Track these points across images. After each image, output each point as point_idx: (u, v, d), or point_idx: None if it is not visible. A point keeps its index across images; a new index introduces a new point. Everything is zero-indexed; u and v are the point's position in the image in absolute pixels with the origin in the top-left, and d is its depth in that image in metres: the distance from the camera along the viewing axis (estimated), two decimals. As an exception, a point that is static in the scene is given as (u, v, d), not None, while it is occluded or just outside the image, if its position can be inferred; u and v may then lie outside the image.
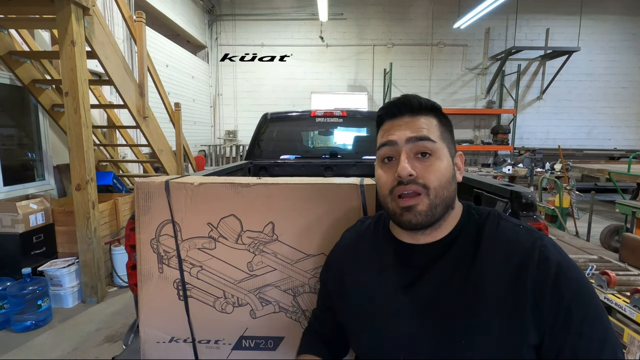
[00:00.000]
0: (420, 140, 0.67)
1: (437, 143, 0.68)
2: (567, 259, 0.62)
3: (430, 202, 0.66)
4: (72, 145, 2.75)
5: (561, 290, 0.59)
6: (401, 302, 0.70)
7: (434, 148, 0.68)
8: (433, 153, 0.67)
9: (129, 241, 1.18)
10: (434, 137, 0.68)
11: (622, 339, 1.76)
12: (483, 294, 0.63)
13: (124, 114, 4.27)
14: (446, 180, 0.67)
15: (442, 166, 0.67)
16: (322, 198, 1.07)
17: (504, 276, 0.62)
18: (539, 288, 0.60)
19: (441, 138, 0.70)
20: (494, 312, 0.61)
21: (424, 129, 0.68)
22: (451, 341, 0.63)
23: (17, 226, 2.80)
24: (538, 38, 8.77)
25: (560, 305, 0.59)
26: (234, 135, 9.04)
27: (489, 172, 6.66)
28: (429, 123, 0.70)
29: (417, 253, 0.71)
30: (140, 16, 3.69)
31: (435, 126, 0.70)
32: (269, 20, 8.76)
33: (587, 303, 0.59)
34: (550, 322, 0.59)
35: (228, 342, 1.13)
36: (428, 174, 0.66)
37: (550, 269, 0.60)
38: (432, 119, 0.71)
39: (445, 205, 0.68)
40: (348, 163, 2.92)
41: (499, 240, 0.66)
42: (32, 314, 2.53)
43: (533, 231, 0.66)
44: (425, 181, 0.66)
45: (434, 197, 0.66)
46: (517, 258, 0.63)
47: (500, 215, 0.71)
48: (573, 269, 0.61)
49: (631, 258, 2.44)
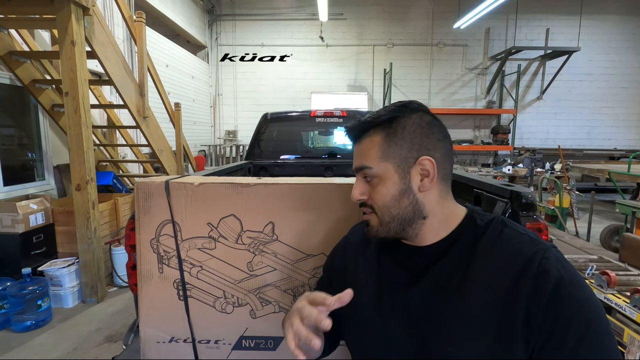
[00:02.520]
0: (360, 170, 0.71)
1: (375, 168, 0.68)
2: (571, 276, 0.58)
3: (379, 219, 0.70)
4: (72, 146, 2.75)
5: (557, 307, 0.55)
6: (394, 303, 0.70)
7: (373, 173, 0.69)
8: (374, 177, 0.70)
9: (129, 241, 1.18)
10: (371, 163, 0.69)
11: (622, 339, 1.76)
12: (475, 300, 0.61)
13: (124, 114, 4.27)
14: (389, 199, 0.68)
15: (384, 188, 0.68)
16: (322, 198, 1.07)
17: (499, 284, 0.60)
18: (533, 302, 0.57)
19: (383, 157, 0.68)
20: (484, 320, 0.60)
21: (363, 156, 0.70)
22: (441, 345, 0.63)
23: (17, 226, 2.80)
24: (538, 38, 8.77)
25: (555, 323, 0.55)
26: (234, 135, 9.04)
27: (489, 172, 6.67)
28: (370, 145, 0.69)
29: (414, 255, 0.71)
30: (140, 16, 3.69)
31: (378, 145, 0.68)
32: (268, 20, 8.76)
33: (588, 324, 0.55)
34: (542, 339, 0.56)
35: (228, 342, 1.13)
36: (373, 195, 0.70)
37: (548, 283, 0.56)
38: (376, 137, 0.69)
39: (400, 219, 0.68)
40: (348, 163, 2.92)
41: (499, 248, 0.64)
42: (32, 314, 2.53)
43: (538, 241, 0.62)
44: (372, 202, 0.70)
45: (381, 215, 0.69)
46: (515, 267, 0.60)
47: (504, 222, 0.68)
48: (576, 287, 0.57)
49: (631, 258, 2.44)
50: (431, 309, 0.65)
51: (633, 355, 1.67)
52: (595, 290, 1.95)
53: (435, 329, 0.64)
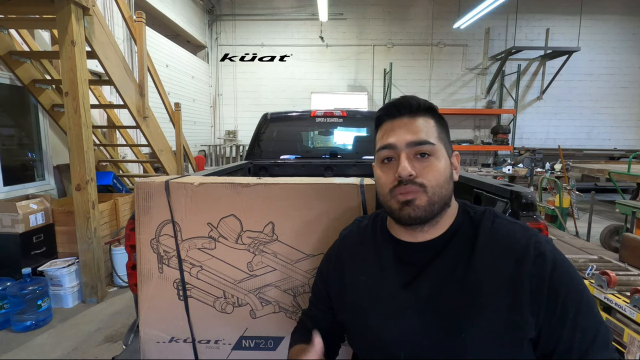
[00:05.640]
0: (420, 144, 0.69)
1: (436, 145, 0.70)
2: (560, 254, 0.65)
3: (429, 199, 0.68)
4: (72, 146, 2.75)
5: (557, 284, 0.62)
6: (401, 300, 0.70)
7: (433, 150, 0.69)
8: (432, 154, 0.69)
9: (129, 241, 1.18)
10: (432, 139, 0.70)
11: (622, 338, 1.76)
12: (482, 289, 0.64)
13: (124, 114, 4.27)
14: (444, 179, 0.69)
15: (441, 166, 0.69)
16: (322, 198, 1.07)
17: (502, 271, 0.64)
18: (537, 282, 0.62)
19: (439, 139, 0.71)
20: (494, 307, 0.63)
21: (422, 131, 0.70)
22: (452, 337, 0.64)
23: (17, 226, 2.80)
24: (538, 38, 8.77)
25: (557, 299, 0.61)
26: (234, 135, 9.04)
27: (489, 172, 6.66)
28: (427, 124, 0.71)
29: (416, 251, 0.72)
30: (140, 16, 3.69)
31: (433, 127, 0.72)
32: (268, 20, 8.76)
33: (580, 295, 0.62)
34: (548, 315, 0.61)
35: (228, 342, 1.13)
36: (427, 173, 0.68)
37: (546, 263, 0.63)
38: (430, 120, 0.72)
39: (443, 203, 0.69)
40: (348, 163, 2.92)
41: (495, 237, 0.68)
42: (32, 314, 2.53)
43: (527, 228, 0.69)
44: (424, 180, 0.68)
45: (431, 195, 0.68)
46: (513, 254, 0.65)
47: (495, 213, 0.73)
48: (566, 263, 0.64)
49: (631, 258, 2.44)
50: (438, 302, 0.67)
51: (633, 355, 1.67)
52: (595, 290, 1.95)
53: (445, 321, 0.65)
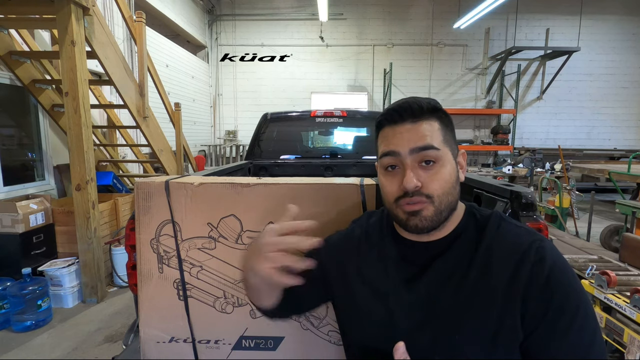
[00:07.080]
0: (424, 150, 0.66)
1: (441, 150, 0.66)
2: (563, 263, 0.63)
3: (436, 209, 0.66)
4: (72, 146, 2.75)
5: (551, 291, 0.60)
6: (401, 297, 0.70)
7: (438, 155, 0.66)
8: (437, 160, 0.66)
9: (129, 241, 1.18)
10: (437, 144, 0.66)
11: (622, 339, 1.76)
12: (481, 291, 0.64)
13: (124, 114, 4.27)
14: (450, 186, 0.67)
15: (447, 173, 0.67)
16: (322, 198, 1.07)
17: (502, 275, 0.63)
18: (530, 286, 0.61)
19: (444, 142, 0.68)
20: (491, 309, 0.62)
21: (426, 136, 0.66)
22: (449, 336, 0.64)
23: (17, 226, 2.80)
24: (538, 38, 8.77)
25: (548, 306, 0.59)
26: (234, 135, 9.04)
27: (489, 172, 6.67)
28: (431, 128, 0.67)
29: (419, 250, 0.72)
30: (140, 16, 3.69)
31: (438, 130, 0.68)
32: (268, 20, 8.76)
33: (575, 309, 0.59)
34: (536, 320, 0.60)
35: (228, 342, 1.13)
36: (432, 183, 0.66)
37: (544, 269, 0.61)
38: (434, 122, 0.69)
39: (450, 209, 0.68)
40: (348, 163, 2.92)
41: (500, 241, 0.67)
42: (32, 314, 2.53)
43: (533, 233, 0.67)
44: (430, 191, 0.65)
45: (438, 204, 0.66)
46: (515, 257, 0.64)
47: (502, 217, 0.71)
48: (567, 273, 0.62)
49: (631, 258, 2.44)
50: (436, 301, 0.67)
51: (633, 355, 1.67)
52: (595, 290, 1.95)
53: (443, 320, 0.65)
